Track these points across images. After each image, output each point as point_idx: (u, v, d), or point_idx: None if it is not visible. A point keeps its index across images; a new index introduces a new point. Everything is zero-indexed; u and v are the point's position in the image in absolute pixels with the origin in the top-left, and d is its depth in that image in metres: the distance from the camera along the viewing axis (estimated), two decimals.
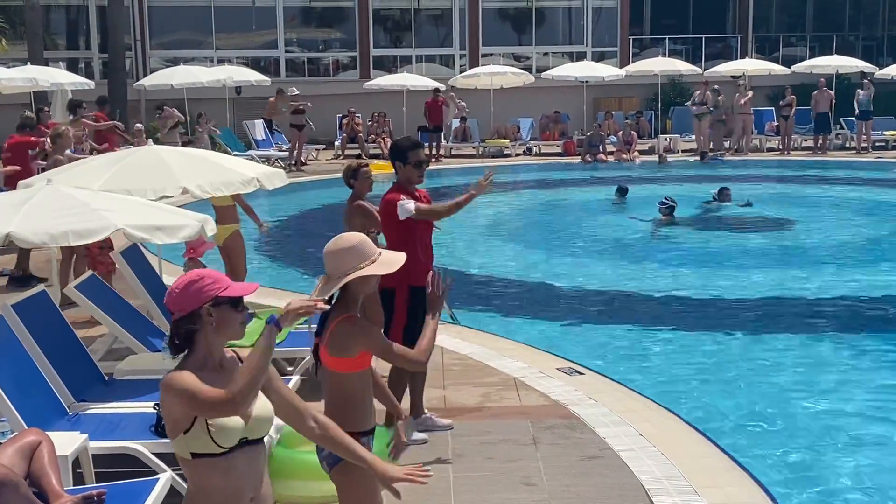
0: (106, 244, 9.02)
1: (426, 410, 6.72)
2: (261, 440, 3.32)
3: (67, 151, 11.32)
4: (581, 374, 7.95)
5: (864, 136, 25.61)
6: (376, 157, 23.92)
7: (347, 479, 4.00)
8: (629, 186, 18.58)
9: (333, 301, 4.04)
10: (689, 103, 25.89)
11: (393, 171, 6.57)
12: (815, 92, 25.45)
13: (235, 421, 3.20)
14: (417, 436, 6.33)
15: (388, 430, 4.60)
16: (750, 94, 25.51)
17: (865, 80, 25.61)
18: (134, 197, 6.95)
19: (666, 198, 15.96)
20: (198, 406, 3.13)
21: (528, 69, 29.27)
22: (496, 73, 26.85)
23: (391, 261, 4.04)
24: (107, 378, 6.65)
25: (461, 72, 28.80)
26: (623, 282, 11.64)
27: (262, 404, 3.31)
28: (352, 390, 4.01)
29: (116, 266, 8.85)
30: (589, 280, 11.77)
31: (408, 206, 6.29)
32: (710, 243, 14.27)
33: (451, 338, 8.60)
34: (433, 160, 23.66)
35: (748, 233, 14.98)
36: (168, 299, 3.28)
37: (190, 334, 3.25)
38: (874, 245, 13.96)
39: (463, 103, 26.25)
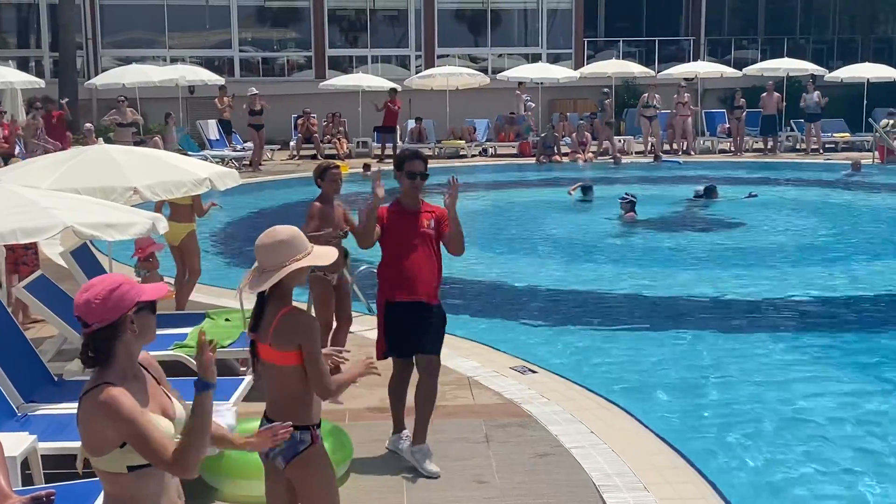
0: (31, 245, 8.62)
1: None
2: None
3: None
4: (534, 372, 8.01)
5: (815, 139, 26.01)
6: (332, 157, 23.88)
7: (306, 471, 4.00)
8: (591, 185, 18.77)
9: (266, 294, 4.02)
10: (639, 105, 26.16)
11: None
12: (764, 94, 25.79)
13: (169, 427, 3.12)
14: (431, 468, 5.99)
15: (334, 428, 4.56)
16: (687, 96, 25.78)
17: (810, 83, 26.01)
18: (83, 195, 6.88)
19: (627, 193, 16.20)
20: (142, 447, 2.98)
21: (484, 70, 29.35)
22: (452, 74, 26.90)
23: (325, 254, 4.03)
24: (56, 379, 6.61)
25: (417, 72, 28.80)
26: (576, 281, 11.71)
27: (179, 406, 3.25)
28: (298, 385, 3.96)
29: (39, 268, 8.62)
30: (542, 279, 11.83)
31: None
32: (665, 242, 14.36)
33: None
34: (382, 160, 23.66)
35: (704, 232, 15.12)
36: (86, 311, 3.05)
37: (111, 345, 3.07)
38: (826, 245, 14.14)
39: (532, 104, 26.32)
